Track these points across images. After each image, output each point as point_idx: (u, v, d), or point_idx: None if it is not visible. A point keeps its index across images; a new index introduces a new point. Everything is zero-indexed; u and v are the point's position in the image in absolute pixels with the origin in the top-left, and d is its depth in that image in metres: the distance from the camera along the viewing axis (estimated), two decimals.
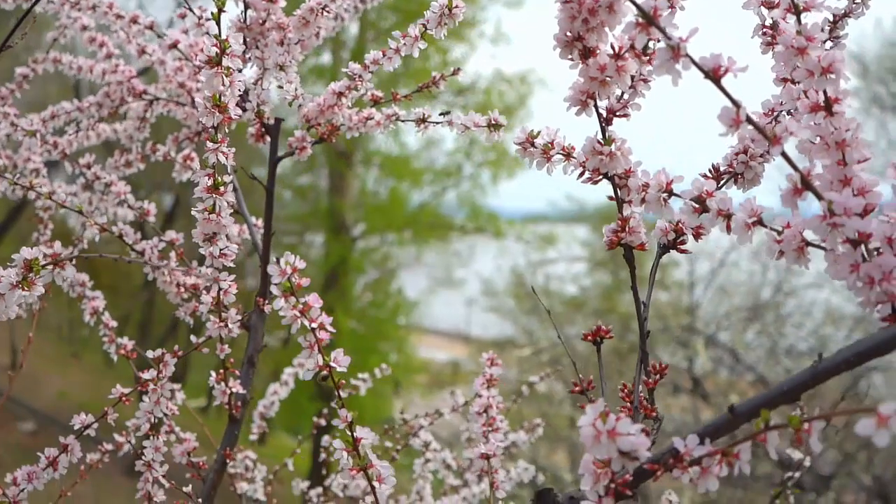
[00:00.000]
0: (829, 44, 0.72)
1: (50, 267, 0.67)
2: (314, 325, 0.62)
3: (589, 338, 0.69)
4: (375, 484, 0.64)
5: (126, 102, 1.19)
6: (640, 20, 0.51)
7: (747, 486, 6.06)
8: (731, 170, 0.69)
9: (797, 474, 1.10)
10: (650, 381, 0.64)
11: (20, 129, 1.12)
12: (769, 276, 7.34)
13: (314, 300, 0.63)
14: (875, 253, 0.52)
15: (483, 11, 10.51)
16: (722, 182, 0.69)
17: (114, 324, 1.11)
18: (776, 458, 0.49)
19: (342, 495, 1.26)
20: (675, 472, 0.52)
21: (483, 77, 11.03)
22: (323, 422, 1.44)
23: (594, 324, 0.70)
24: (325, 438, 1.17)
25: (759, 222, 0.56)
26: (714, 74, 0.51)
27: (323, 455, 1.35)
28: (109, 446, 1.11)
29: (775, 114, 0.69)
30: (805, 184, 0.52)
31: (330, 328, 0.63)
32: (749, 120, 0.51)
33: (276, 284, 0.61)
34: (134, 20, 1.10)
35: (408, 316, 11.81)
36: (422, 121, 0.96)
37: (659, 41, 0.53)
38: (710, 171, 0.70)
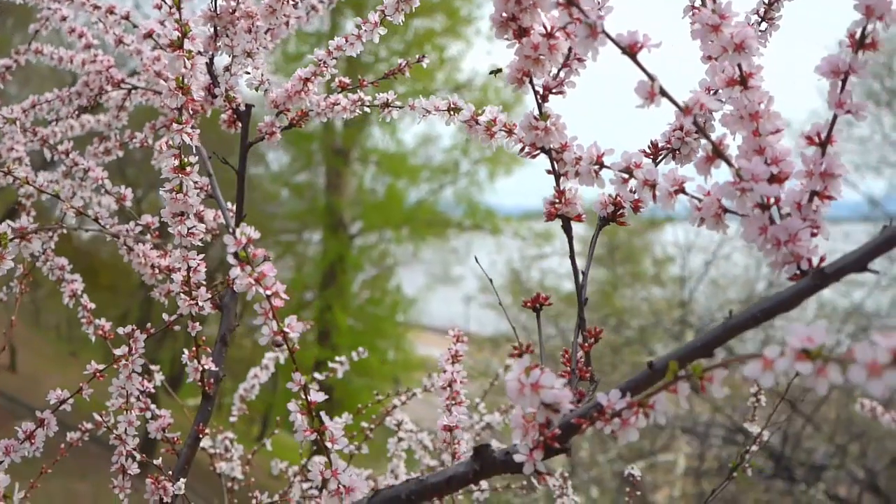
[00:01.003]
0: (763, 24, 0.76)
1: (17, 240, 0.70)
2: (269, 292, 0.65)
3: (528, 304, 0.73)
4: (328, 444, 0.68)
5: (105, 91, 1.23)
6: (562, 1, 0.54)
7: (739, 480, 6.10)
8: (668, 146, 0.72)
9: (755, 447, 1.14)
10: (586, 344, 0.67)
11: (1, 116, 1.15)
12: (763, 270, 7.39)
13: (269, 269, 0.66)
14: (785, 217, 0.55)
15: (479, 9, 10.54)
16: (660, 157, 0.73)
17: (92, 306, 1.14)
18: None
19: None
20: (598, 424, 0.56)
21: (479, 74, 11.05)
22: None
23: (590, 319, 0.73)
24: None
25: (681, 190, 0.59)
26: (631, 50, 0.54)
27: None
28: (89, 425, 1.15)
29: (711, 92, 0.72)
30: (717, 152, 0.55)
31: (284, 296, 0.66)
32: (663, 92, 0.54)
33: (231, 254, 0.65)
34: (110, 10, 1.13)
35: (406, 313, 11.83)
36: (385, 105, 0.99)
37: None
38: (648, 147, 0.73)
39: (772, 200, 0.55)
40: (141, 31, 1.07)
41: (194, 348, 1.00)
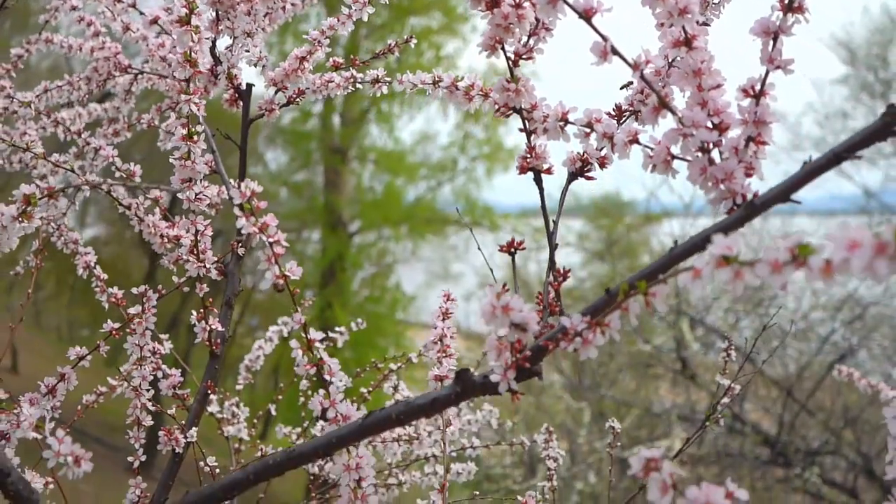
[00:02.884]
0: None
1: (46, 199, 0.78)
2: (272, 240, 0.73)
3: (503, 249, 0.80)
4: (327, 377, 0.76)
5: (113, 77, 1.30)
6: None
7: (735, 466, 6.19)
8: (630, 108, 0.80)
9: (725, 400, 1.21)
10: (556, 283, 0.75)
11: (16, 100, 1.23)
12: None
13: (271, 219, 0.74)
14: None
15: None
16: (624, 118, 0.80)
17: (105, 276, 1.22)
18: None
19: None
20: (562, 344, 0.63)
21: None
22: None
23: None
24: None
25: (635, 140, 0.67)
26: (586, 14, 0.62)
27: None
28: (104, 388, 1.22)
29: (671, 59, 0.80)
30: (662, 103, 0.63)
31: (284, 243, 0.74)
32: (614, 51, 0.62)
33: (237, 205, 0.72)
34: None
35: (405, 311, 11.90)
36: (376, 81, 1.07)
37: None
38: (613, 108, 0.81)
39: (711, 145, 0.62)
40: (147, 17, 1.15)
41: (202, 310, 1.07)
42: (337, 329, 1.52)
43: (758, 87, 0.64)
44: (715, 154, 0.64)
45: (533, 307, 0.63)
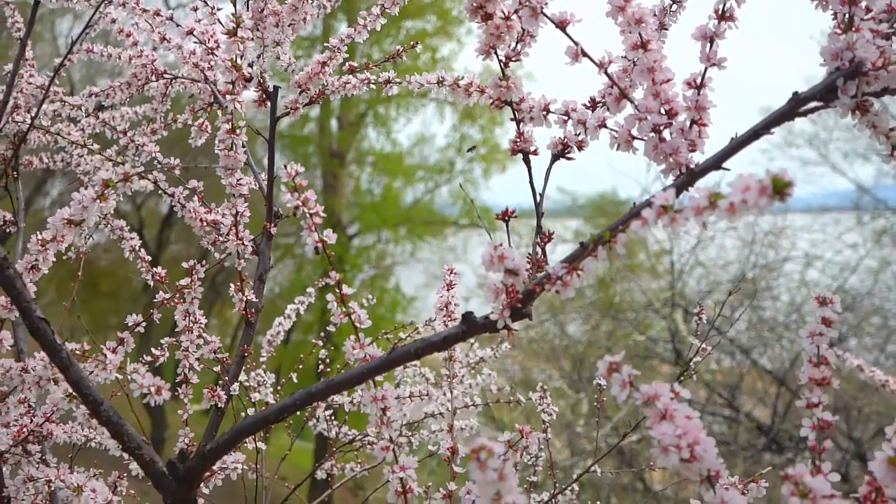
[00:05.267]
0: (674, 6, 1.00)
1: (122, 182, 0.94)
2: (311, 211, 0.90)
3: (499, 217, 0.97)
4: (357, 324, 0.92)
5: (150, 81, 1.47)
6: None
7: (732, 454, 6.36)
8: (603, 100, 0.96)
9: (697, 359, 1.38)
10: (542, 242, 0.91)
11: (67, 103, 1.39)
12: (752, 258, 7.66)
13: (311, 195, 0.90)
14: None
15: None
16: (597, 108, 0.97)
17: (149, 258, 1.38)
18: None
19: None
20: (546, 286, 0.80)
21: (472, 73, 11.27)
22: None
23: (588, 312, 0.95)
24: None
25: (604, 125, 0.84)
26: (561, 25, 0.79)
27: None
28: (155, 354, 1.38)
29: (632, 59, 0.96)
30: (622, 94, 0.79)
31: (322, 214, 0.90)
32: (584, 53, 0.78)
33: (284, 183, 0.89)
34: (157, 13, 1.37)
35: (405, 312, 12.04)
36: (387, 81, 1.24)
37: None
38: (589, 100, 0.97)
39: (662, 127, 0.79)
40: (183, 29, 1.31)
41: (239, 282, 1.24)
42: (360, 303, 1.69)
43: (698, 81, 0.80)
44: (666, 134, 0.80)
45: (522, 253, 0.79)
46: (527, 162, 0.92)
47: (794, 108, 0.72)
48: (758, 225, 7.96)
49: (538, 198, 0.93)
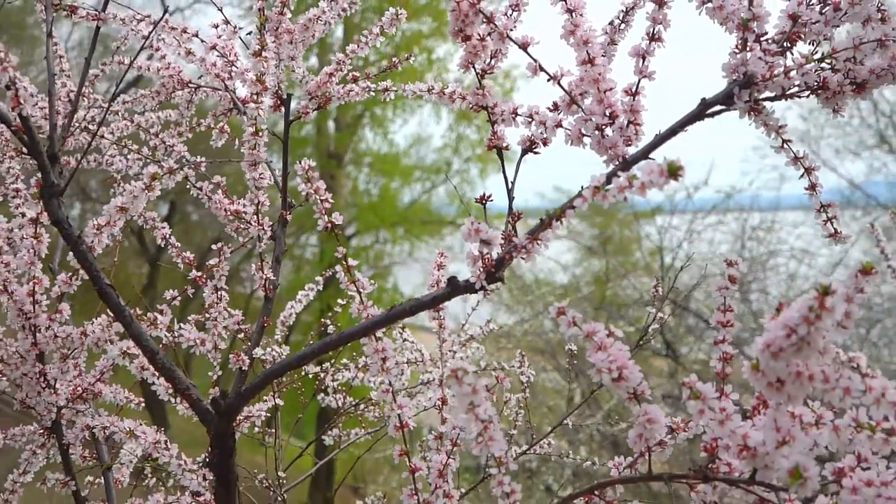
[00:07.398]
0: (623, 25, 1.20)
1: (167, 175, 1.14)
2: (322, 198, 1.10)
3: (479, 201, 1.17)
4: (361, 290, 1.13)
5: (177, 90, 1.67)
6: (484, 18, 0.99)
7: None
8: (559, 104, 1.17)
9: (655, 326, 1.58)
10: (513, 219, 1.12)
11: (106, 109, 1.59)
12: (744, 254, 7.88)
13: (321, 184, 1.11)
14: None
15: None
16: (559, 111, 1.17)
17: (178, 244, 1.59)
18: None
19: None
20: (514, 254, 1.00)
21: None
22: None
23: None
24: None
25: (560, 125, 1.04)
26: (523, 45, 0.99)
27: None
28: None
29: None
30: (572, 100, 1.00)
31: (330, 200, 1.11)
32: (541, 68, 0.99)
33: (299, 175, 1.09)
34: (184, 31, 1.58)
35: None
36: (386, 90, 1.44)
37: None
38: (552, 104, 1.17)
39: (605, 126, 0.99)
40: (207, 44, 1.52)
41: (259, 262, 1.44)
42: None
43: (634, 89, 1.01)
44: (608, 131, 1.01)
45: (495, 227, 1.00)
46: (500, 155, 1.13)
47: (703, 110, 0.93)
48: (747, 221, 8.19)
49: (510, 185, 1.14)
